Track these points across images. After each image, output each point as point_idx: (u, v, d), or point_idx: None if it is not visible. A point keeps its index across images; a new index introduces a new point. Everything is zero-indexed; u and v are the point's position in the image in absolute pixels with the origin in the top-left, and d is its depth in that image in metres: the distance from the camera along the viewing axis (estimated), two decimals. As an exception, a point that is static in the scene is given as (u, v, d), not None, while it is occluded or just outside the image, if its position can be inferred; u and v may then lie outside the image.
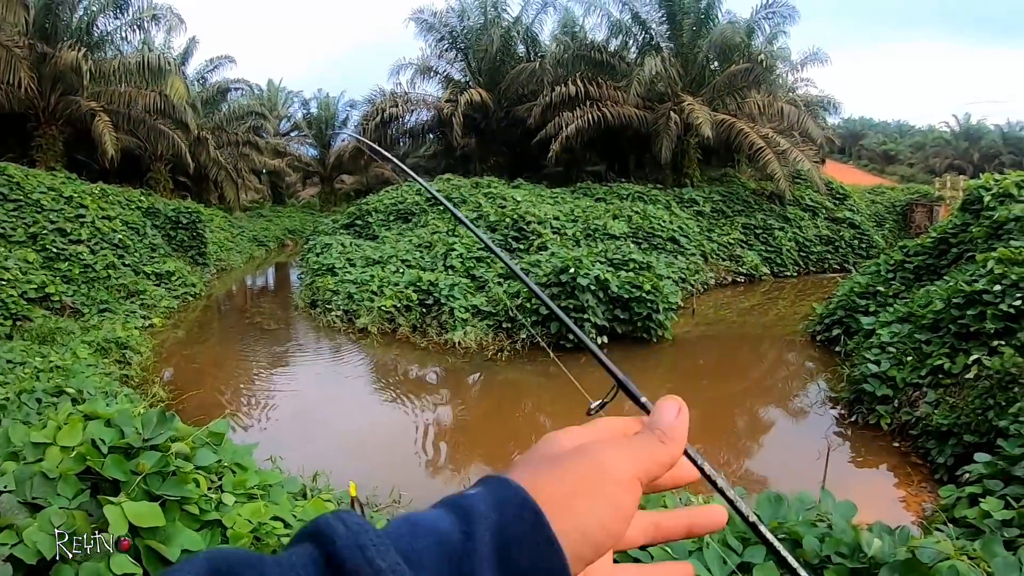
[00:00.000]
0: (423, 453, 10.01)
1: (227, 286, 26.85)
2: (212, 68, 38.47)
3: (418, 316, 16.46)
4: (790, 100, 31.51)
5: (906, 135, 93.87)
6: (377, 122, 33.27)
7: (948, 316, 10.61)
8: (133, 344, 14.18)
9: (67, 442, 3.70)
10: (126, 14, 28.20)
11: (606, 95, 28.79)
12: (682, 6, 29.06)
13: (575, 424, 0.69)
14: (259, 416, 11.70)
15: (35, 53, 24.35)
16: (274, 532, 3.54)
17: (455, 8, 34.49)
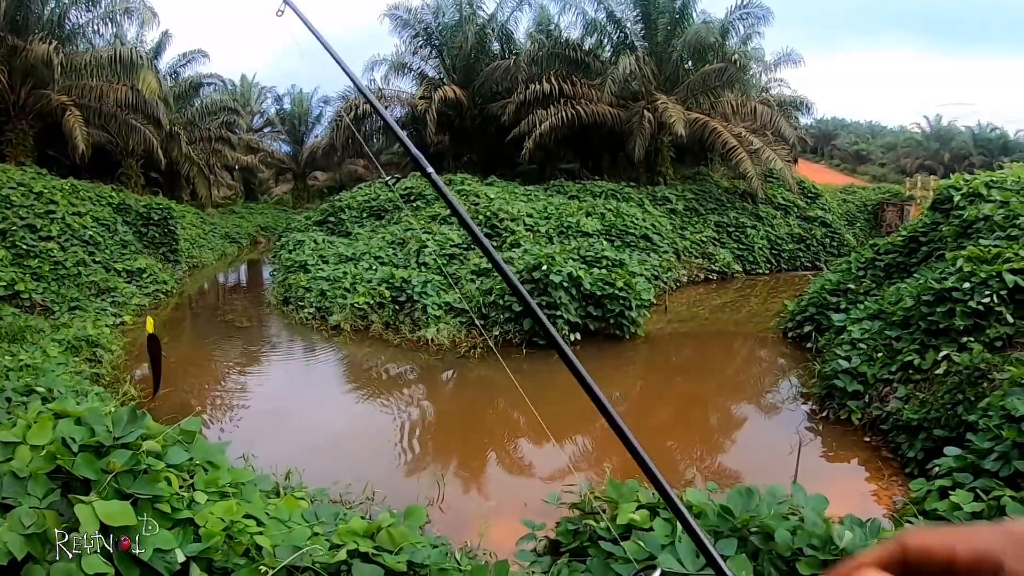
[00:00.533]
0: (397, 450, 9.98)
1: (199, 283, 26.68)
2: (185, 63, 38.17)
3: (391, 313, 16.41)
4: (763, 100, 31.76)
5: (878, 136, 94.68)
6: (351, 118, 33.10)
7: (918, 313, 10.70)
8: (104, 342, 14.05)
9: (37, 441, 3.67)
10: (98, 7, 27.94)
11: (580, 93, 28.87)
12: (657, 5, 29.18)
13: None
14: (231, 414, 11.62)
15: (5, 46, 24.13)
16: (247, 530, 3.52)
17: (430, 5, 34.40)
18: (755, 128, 29.52)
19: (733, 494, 4.31)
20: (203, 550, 3.24)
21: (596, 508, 4.97)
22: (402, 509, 4.61)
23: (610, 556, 4.18)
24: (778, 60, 32.30)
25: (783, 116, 31.32)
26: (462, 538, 6.20)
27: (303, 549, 3.41)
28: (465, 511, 7.76)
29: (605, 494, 4.93)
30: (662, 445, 10.03)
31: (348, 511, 5.14)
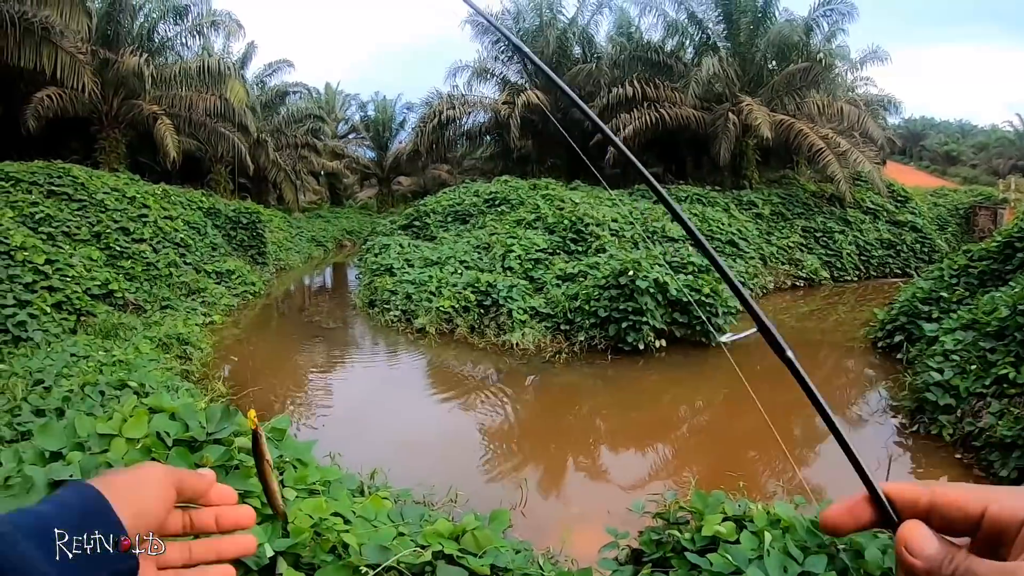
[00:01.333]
0: (480, 453, 10.06)
1: (286, 285, 27.18)
2: (271, 72, 39.14)
3: (476, 317, 16.52)
4: (850, 100, 31.03)
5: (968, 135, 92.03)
6: (434, 124, 33.44)
7: (1014, 323, 10.39)
8: (194, 340, 14.44)
9: (133, 434, 3.79)
10: (186, 20, 28.98)
11: (663, 96, 28.66)
12: (739, 5, 28.81)
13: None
14: (317, 413, 11.84)
15: (98, 59, 24.98)
16: (334, 527, 3.59)
17: (511, 10, 34.55)
18: (842, 129, 28.85)
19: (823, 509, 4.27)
20: (291, 546, 3.31)
21: (681, 518, 4.97)
22: (485, 512, 4.65)
23: (694, 568, 4.18)
24: (864, 58, 31.66)
25: (870, 116, 30.64)
26: (545, 544, 6.23)
27: (390, 549, 3.48)
28: (548, 517, 7.78)
29: (690, 504, 4.92)
30: (744, 456, 9.94)
31: (432, 512, 5.22)
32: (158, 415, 3.99)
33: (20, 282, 13.68)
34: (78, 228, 18.32)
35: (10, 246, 14.29)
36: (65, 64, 22.32)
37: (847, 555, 3.95)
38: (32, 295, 13.60)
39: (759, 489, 8.35)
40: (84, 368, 10.56)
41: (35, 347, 12.25)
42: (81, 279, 15.58)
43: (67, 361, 10.97)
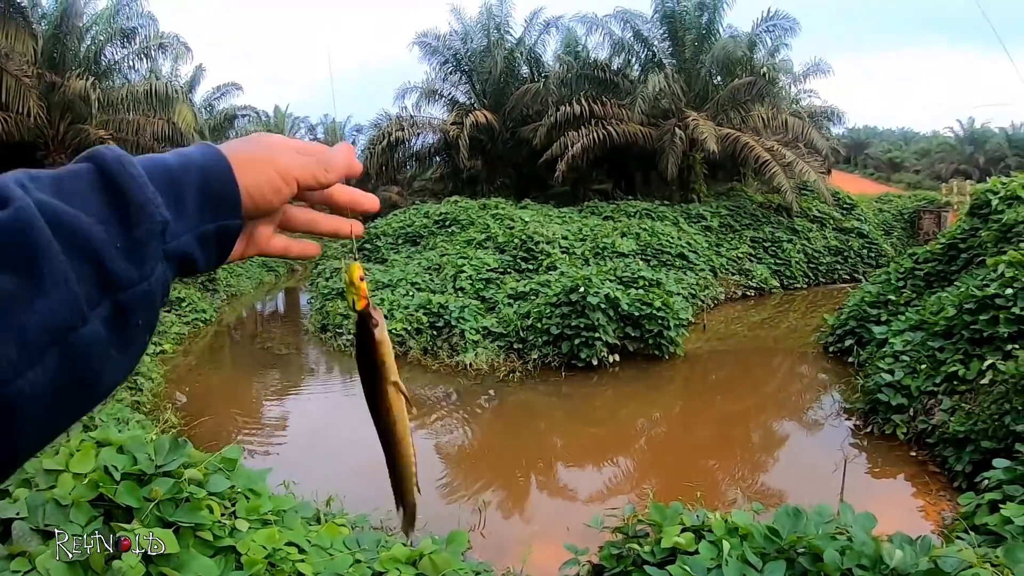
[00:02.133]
0: (437, 476, 9.98)
1: (237, 312, 26.89)
2: (219, 95, 38.75)
3: (429, 339, 16.43)
4: (794, 112, 31.51)
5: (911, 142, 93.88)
6: (383, 146, 33.35)
7: (961, 322, 10.56)
8: (144, 371, 14.18)
9: (80, 469, 3.71)
10: (133, 43, 28.41)
11: (611, 113, 28.84)
12: (683, 22, 29.25)
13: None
14: (271, 441, 11.70)
15: (44, 82, 24.48)
16: (288, 558, 3.53)
17: (458, 31, 34.60)
18: (787, 141, 29.20)
19: (780, 515, 4.27)
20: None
21: (640, 531, 4.94)
22: (443, 535, 4.61)
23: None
24: (807, 71, 32.17)
25: (815, 127, 31.17)
26: (505, 563, 6.17)
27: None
28: (507, 536, 7.73)
29: (649, 517, 4.90)
30: (704, 465, 9.96)
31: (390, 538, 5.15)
32: (105, 448, 3.91)
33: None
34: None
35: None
36: (10, 88, 21.92)
37: (805, 559, 3.94)
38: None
39: (719, 497, 8.36)
40: (29, 403, 10.32)
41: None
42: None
43: (11, 395, 10.71)
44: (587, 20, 30.78)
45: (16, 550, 2.85)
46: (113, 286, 0.64)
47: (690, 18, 29.39)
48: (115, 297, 0.65)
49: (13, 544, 2.90)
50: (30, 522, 3.38)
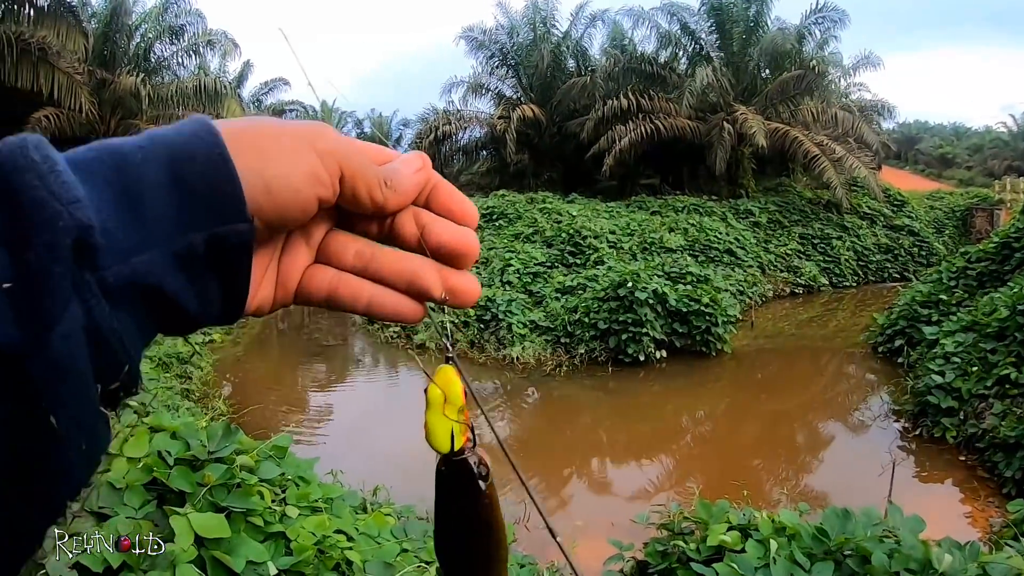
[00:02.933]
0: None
1: (285, 303, 27.18)
2: (267, 91, 39.22)
3: (476, 332, 16.49)
4: (844, 106, 31.05)
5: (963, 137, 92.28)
6: (431, 140, 33.42)
7: (1014, 324, 10.39)
8: (193, 359, 14.44)
9: (134, 453, 3.79)
10: (182, 40, 29.00)
11: (658, 107, 28.61)
12: (731, 15, 28.95)
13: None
14: (317, 431, 11.82)
15: (95, 79, 25.06)
16: (337, 545, 3.58)
17: (504, 25, 34.55)
18: (837, 135, 28.77)
19: (828, 515, 4.25)
20: (294, 564, 3.30)
21: (685, 529, 4.96)
22: (489, 527, 4.64)
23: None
24: (857, 64, 31.71)
25: (865, 122, 30.60)
26: (548, 558, 6.20)
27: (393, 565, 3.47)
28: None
29: (694, 514, 4.91)
30: (749, 464, 9.93)
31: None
32: (159, 434, 3.99)
33: None
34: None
35: None
36: (62, 84, 22.39)
37: (853, 561, 3.94)
38: None
39: (764, 497, 8.33)
40: (83, 390, 10.56)
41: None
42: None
43: (66, 380, 10.96)
44: (633, 13, 30.70)
45: (71, 531, 2.93)
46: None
47: (738, 10, 29.05)
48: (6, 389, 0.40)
49: (67, 525, 2.99)
50: (85, 504, 3.47)
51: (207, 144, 0.50)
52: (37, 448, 0.41)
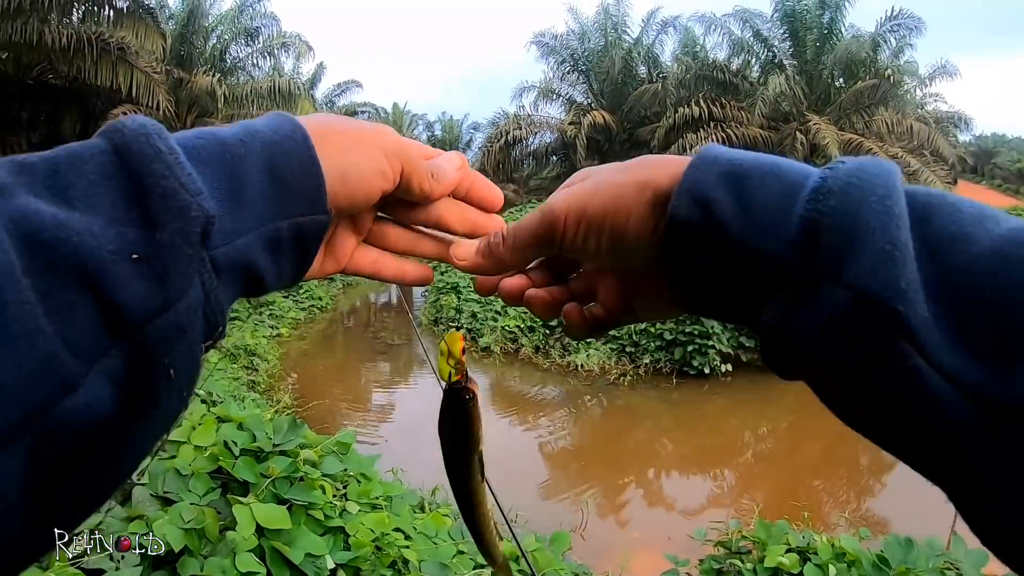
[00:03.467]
0: (541, 474, 10.08)
1: (352, 301, 27.49)
2: (340, 92, 39.79)
3: (541, 337, 16.53)
4: (919, 117, 30.18)
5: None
6: (501, 144, 33.57)
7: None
8: (261, 352, 14.74)
9: (201, 442, 3.88)
10: (257, 42, 29.90)
11: (730, 115, 28.24)
12: (804, 21, 28.35)
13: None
14: (378, 428, 11.95)
15: (172, 78, 25.86)
16: (395, 543, 3.61)
17: (575, 31, 34.51)
18: (912, 148, 28.06)
19: (890, 543, 4.20)
20: (352, 559, 3.34)
21: (743, 548, 4.94)
22: (544, 533, 4.67)
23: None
24: (933, 73, 30.82)
25: (941, 134, 29.91)
26: (604, 568, 6.22)
27: (449, 567, 3.51)
28: (607, 540, 7.77)
29: (753, 534, 4.88)
30: (809, 484, 9.83)
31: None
32: (226, 424, 4.08)
33: None
34: (148, 243, 18.82)
35: None
36: (140, 83, 22.99)
37: (912, 591, 3.89)
38: None
39: (824, 520, 8.23)
40: (153, 373, 10.86)
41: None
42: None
43: (136, 368, 11.29)
44: (705, 19, 30.28)
45: (135, 513, 3.01)
46: (124, 324, 0.45)
47: (811, 17, 28.43)
48: (129, 340, 0.46)
49: (133, 507, 3.09)
50: (150, 488, 3.57)
51: (299, 145, 0.59)
52: (159, 393, 0.48)
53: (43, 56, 22.21)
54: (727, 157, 0.59)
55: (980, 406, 0.45)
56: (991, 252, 0.47)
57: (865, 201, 0.50)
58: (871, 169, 0.53)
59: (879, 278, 0.48)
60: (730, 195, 0.57)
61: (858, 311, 0.49)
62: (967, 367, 0.45)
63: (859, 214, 0.50)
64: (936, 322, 0.47)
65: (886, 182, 0.52)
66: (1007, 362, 0.44)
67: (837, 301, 0.50)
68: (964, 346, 0.46)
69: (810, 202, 0.52)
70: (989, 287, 0.47)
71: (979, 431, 0.45)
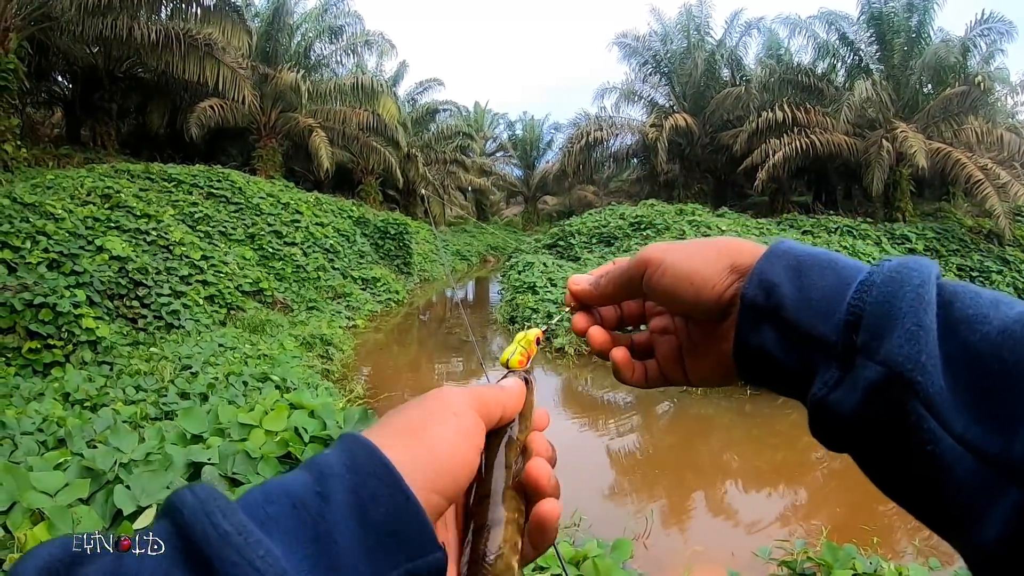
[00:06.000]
0: (606, 478, 10.07)
1: (428, 296, 27.70)
2: (422, 90, 40.44)
3: (616, 342, 16.43)
4: (1010, 127, 28.93)
5: None
6: (581, 145, 33.53)
7: None
8: (336, 342, 15.00)
9: (272, 426, 3.98)
10: (340, 40, 30.95)
11: (814, 121, 27.65)
12: (891, 24, 27.45)
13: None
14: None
15: (257, 73, 26.95)
16: None
17: (658, 32, 34.42)
18: (1002, 159, 27.04)
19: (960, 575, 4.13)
20: None
21: (807, 570, 4.89)
22: (605, 538, 4.67)
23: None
24: (1025, 80, 29.96)
25: (1032, 145, 28.89)
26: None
27: None
28: (669, 551, 7.72)
29: (819, 556, 4.84)
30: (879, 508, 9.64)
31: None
32: (298, 411, 4.19)
33: (176, 274, 14.65)
34: (233, 229, 19.50)
35: (170, 241, 15.36)
36: (226, 78, 23.67)
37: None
38: (187, 287, 14.60)
39: (892, 546, 8.06)
40: (230, 359, 11.24)
41: (185, 335, 13.07)
42: (234, 276, 16.54)
43: (214, 350, 11.68)
44: (789, 22, 29.85)
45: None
46: None
47: (898, 20, 27.48)
48: None
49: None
50: (219, 468, 3.68)
51: (384, 481, 0.53)
52: None
53: (132, 50, 23.30)
54: (795, 252, 0.70)
55: (986, 465, 0.53)
56: (1000, 331, 0.55)
57: (901, 291, 0.59)
58: (911, 264, 0.62)
59: (904, 354, 0.56)
60: (792, 283, 0.67)
61: (887, 383, 0.57)
62: (975, 430, 0.54)
63: (894, 302, 0.59)
64: (951, 391, 0.55)
65: (922, 273, 0.61)
66: (1010, 425, 0.52)
67: (871, 375, 0.58)
68: (974, 411, 0.54)
69: (857, 293, 0.62)
70: (996, 360, 0.54)
71: (984, 487, 0.53)
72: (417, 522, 0.52)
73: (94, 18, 20.55)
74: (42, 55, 23.49)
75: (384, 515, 0.51)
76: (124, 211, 15.63)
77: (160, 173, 20.07)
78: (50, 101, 29.02)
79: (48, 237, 12.21)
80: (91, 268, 12.48)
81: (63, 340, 10.42)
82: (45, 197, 14.57)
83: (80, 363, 10.26)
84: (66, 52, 24.34)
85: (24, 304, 10.26)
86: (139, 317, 13.12)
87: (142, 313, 13.22)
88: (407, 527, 0.52)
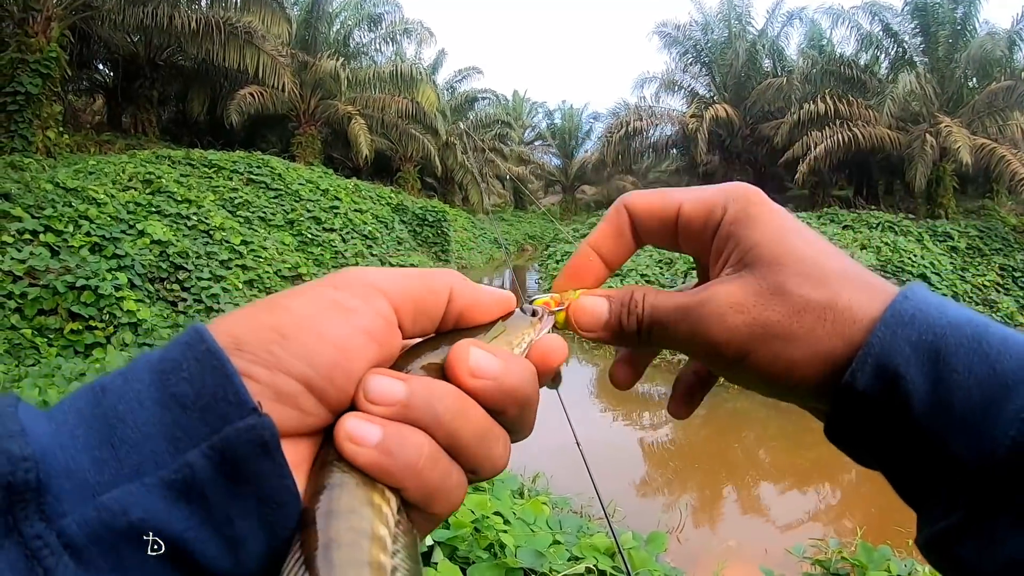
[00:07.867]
0: (640, 471, 10.07)
1: (464, 281, 27.84)
2: (460, 78, 40.55)
3: (653, 332, 16.40)
4: (1056, 123, 28.63)
5: None
6: (621, 135, 33.38)
7: None
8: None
9: None
10: (379, 28, 31.23)
11: (856, 114, 27.11)
12: (937, 16, 26.78)
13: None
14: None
15: (297, 61, 27.12)
16: (493, 526, 3.64)
17: (698, 21, 34.15)
18: (1048, 157, 26.69)
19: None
20: (450, 538, 3.43)
21: (841, 569, 4.87)
22: (640, 530, 4.67)
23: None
24: (1071, 75, 29.23)
25: (1078, 143, 28.27)
26: (697, 573, 6.20)
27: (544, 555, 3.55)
28: (702, 545, 7.73)
29: (854, 556, 4.81)
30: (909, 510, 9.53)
31: (590, 524, 5.27)
32: None
33: (216, 259, 14.85)
34: (273, 214, 19.68)
35: (210, 226, 15.57)
36: (266, 65, 23.84)
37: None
38: (227, 271, 14.79)
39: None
40: (269, 342, 11.27)
41: (225, 319, 13.17)
42: (273, 261, 16.67)
43: (252, 334, 11.75)
44: (832, 12, 29.34)
45: None
46: None
47: (944, 11, 26.75)
48: None
49: None
50: None
51: (193, 350, 0.43)
52: None
53: (173, 39, 23.57)
54: (926, 318, 0.50)
55: None
56: None
57: None
58: None
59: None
60: (924, 377, 0.48)
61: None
62: None
63: None
64: None
65: None
66: None
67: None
68: None
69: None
70: None
71: None
72: (224, 388, 0.42)
73: (135, 7, 20.86)
74: (84, 44, 23.87)
75: (187, 387, 0.42)
76: (165, 196, 15.83)
77: (201, 159, 20.35)
78: (91, 89, 29.63)
79: (90, 221, 12.40)
80: (132, 252, 12.66)
81: (104, 322, 10.66)
82: (87, 182, 14.79)
83: (121, 344, 10.47)
84: (107, 41, 24.79)
85: (67, 286, 10.50)
86: (179, 300, 13.31)
87: (182, 296, 13.40)
88: (212, 395, 0.41)
